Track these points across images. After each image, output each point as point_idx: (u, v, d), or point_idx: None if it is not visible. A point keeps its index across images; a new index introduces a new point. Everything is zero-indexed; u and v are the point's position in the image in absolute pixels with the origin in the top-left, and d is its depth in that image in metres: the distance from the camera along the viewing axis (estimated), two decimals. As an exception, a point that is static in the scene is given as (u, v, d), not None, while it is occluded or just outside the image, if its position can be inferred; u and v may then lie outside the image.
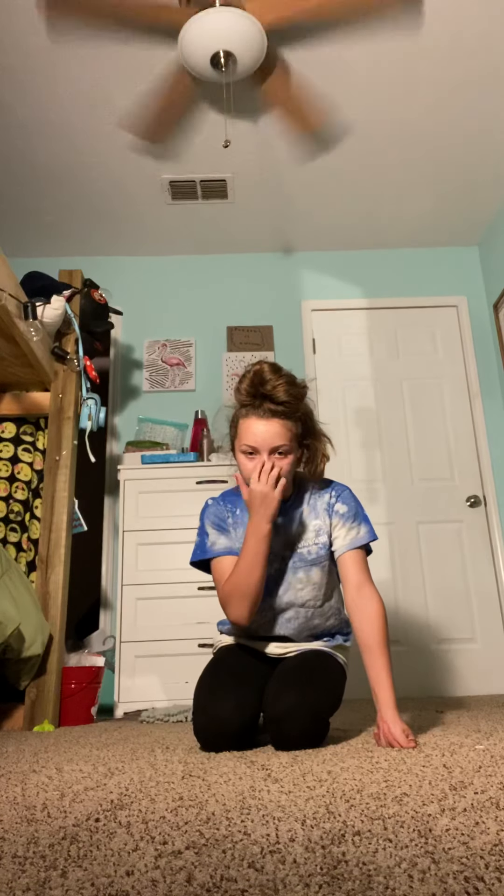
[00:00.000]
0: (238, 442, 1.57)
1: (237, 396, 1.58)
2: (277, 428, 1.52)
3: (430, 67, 2.81)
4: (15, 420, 2.79)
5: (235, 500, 1.71)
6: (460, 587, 3.46)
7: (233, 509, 1.69)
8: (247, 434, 1.54)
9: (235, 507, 1.70)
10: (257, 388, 1.52)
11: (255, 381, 1.52)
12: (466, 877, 0.54)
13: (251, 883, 0.55)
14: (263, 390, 1.52)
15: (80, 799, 0.90)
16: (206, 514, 1.69)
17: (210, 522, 1.67)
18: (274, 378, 1.52)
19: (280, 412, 1.52)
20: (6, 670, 2.32)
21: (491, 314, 3.89)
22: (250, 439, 1.53)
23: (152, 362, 3.88)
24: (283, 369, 1.56)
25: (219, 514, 1.68)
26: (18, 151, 3.22)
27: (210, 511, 1.69)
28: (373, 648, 1.48)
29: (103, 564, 3.54)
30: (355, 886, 0.53)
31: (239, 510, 1.69)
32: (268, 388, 1.51)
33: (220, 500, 1.72)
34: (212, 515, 1.68)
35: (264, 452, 1.53)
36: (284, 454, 1.54)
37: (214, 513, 1.68)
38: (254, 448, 1.53)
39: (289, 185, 3.52)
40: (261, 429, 1.52)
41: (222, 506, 1.70)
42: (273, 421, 1.52)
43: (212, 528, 1.66)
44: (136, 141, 3.14)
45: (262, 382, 1.52)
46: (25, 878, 0.58)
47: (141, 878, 0.57)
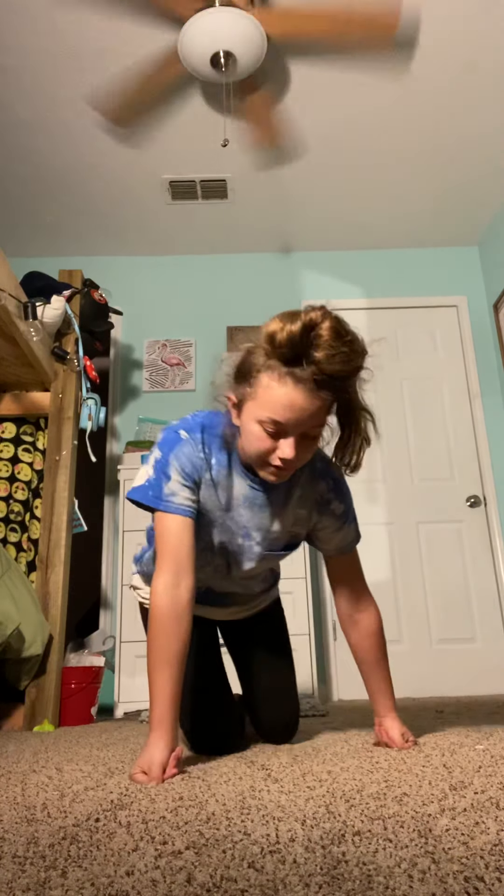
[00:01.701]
0: (255, 406, 1.14)
1: (269, 343, 1.11)
2: (317, 406, 1.11)
3: (431, 67, 2.81)
4: (15, 420, 2.79)
5: (216, 442, 1.27)
6: (460, 587, 3.46)
7: (209, 457, 1.27)
8: (275, 405, 1.11)
9: (212, 454, 1.27)
10: (304, 348, 1.07)
11: (308, 339, 1.07)
12: (466, 877, 0.54)
13: (251, 883, 0.55)
14: (313, 354, 1.07)
15: (80, 799, 0.90)
16: (177, 454, 1.24)
17: (179, 467, 1.23)
18: (337, 343, 1.07)
19: (328, 385, 1.09)
20: (6, 670, 2.32)
21: (491, 314, 3.89)
22: (280, 413, 1.11)
23: (152, 362, 3.88)
24: (348, 329, 1.10)
25: (194, 461, 1.25)
26: (18, 151, 3.22)
27: (184, 452, 1.24)
28: (374, 664, 1.39)
29: (103, 564, 3.54)
30: (355, 886, 0.53)
31: (215, 461, 1.27)
32: (320, 355, 1.07)
33: (200, 442, 1.26)
34: (184, 459, 1.24)
35: (293, 430, 1.13)
36: (314, 438, 1.17)
37: (189, 457, 1.24)
38: (281, 426, 1.12)
39: (289, 185, 3.52)
40: (298, 404, 1.10)
41: (200, 450, 1.26)
42: (314, 397, 1.10)
43: (178, 475, 1.23)
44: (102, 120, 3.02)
45: (316, 343, 1.07)
46: (25, 878, 0.58)
47: (141, 878, 0.57)
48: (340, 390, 1.12)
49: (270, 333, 1.10)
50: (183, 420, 1.30)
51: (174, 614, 1.16)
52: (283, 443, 1.14)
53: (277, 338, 1.09)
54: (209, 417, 1.30)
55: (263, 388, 1.12)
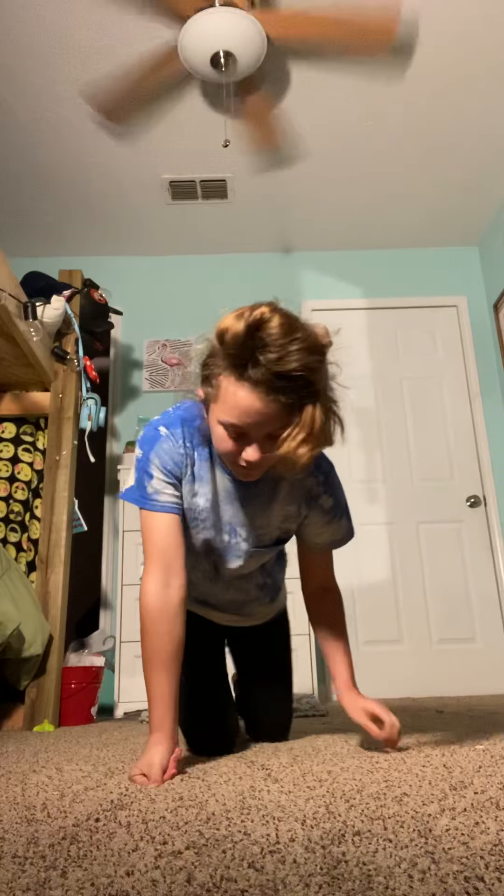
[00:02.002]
0: (217, 408, 1.10)
1: (220, 344, 1.06)
2: (276, 408, 1.05)
3: (431, 67, 2.81)
4: (15, 420, 2.79)
5: (195, 436, 1.24)
6: (460, 587, 3.46)
7: (190, 452, 1.24)
8: (233, 409, 1.06)
9: (194, 448, 1.25)
10: (255, 349, 1.01)
11: (255, 339, 1.01)
12: (466, 877, 0.54)
13: (251, 883, 0.55)
14: (265, 355, 1.00)
15: (80, 799, 0.90)
16: (157, 451, 1.22)
17: (160, 464, 1.22)
18: (285, 342, 1.00)
19: (285, 388, 1.02)
20: (6, 670, 2.32)
21: (491, 314, 3.89)
22: (238, 418, 1.06)
23: (152, 362, 3.88)
24: (298, 324, 1.05)
25: (175, 458, 1.23)
26: (18, 151, 3.22)
27: (164, 448, 1.22)
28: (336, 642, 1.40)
29: (103, 564, 3.54)
30: (355, 886, 0.53)
31: (197, 455, 1.25)
32: (271, 355, 1.00)
33: (181, 437, 1.23)
34: (165, 456, 1.22)
35: (253, 433, 1.08)
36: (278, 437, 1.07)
37: (169, 454, 1.22)
38: (241, 430, 1.08)
39: (289, 185, 3.52)
40: (255, 408, 1.04)
41: (182, 446, 1.23)
42: (272, 400, 1.03)
43: (160, 473, 1.21)
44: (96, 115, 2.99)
45: (264, 344, 1.00)
46: (25, 878, 0.58)
47: (141, 878, 0.57)
48: (301, 389, 1.04)
49: (220, 334, 1.05)
50: (163, 414, 1.27)
51: (167, 615, 1.15)
52: (244, 444, 1.10)
53: (226, 339, 1.04)
54: (189, 410, 1.26)
55: (222, 390, 1.07)
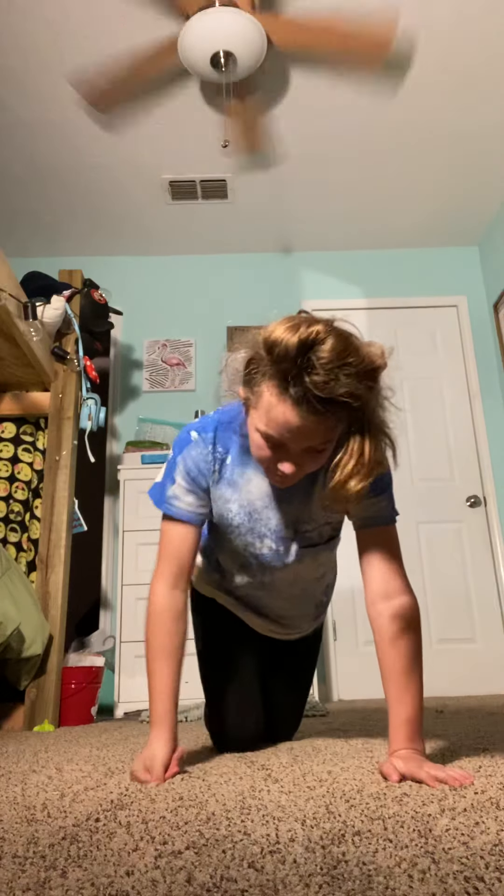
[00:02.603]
0: (256, 414, 1.06)
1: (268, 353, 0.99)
2: (316, 426, 1.00)
3: (431, 67, 2.81)
4: (15, 420, 2.78)
5: (231, 438, 1.22)
6: (460, 587, 3.46)
7: (222, 457, 1.23)
8: (271, 420, 1.02)
9: (227, 452, 1.23)
10: (303, 368, 0.95)
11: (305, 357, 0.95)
12: (466, 877, 0.54)
13: (251, 883, 0.55)
14: (311, 377, 0.95)
15: (80, 799, 0.90)
16: (185, 456, 1.22)
17: (184, 470, 1.21)
18: (336, 368, 0.95)
19: (329, 411, 0.98)
20: (6, 670, 2.32)
21: (491, 314, 3.89)
22: (275, 429, 1.02)
23: (152, 362, 3.88)
24: (353, 347, 0.98)
25: (200, 465, 1.21)
26: (19, 151, 3.22)
27: (191, 455, 1.22)
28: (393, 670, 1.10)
29: (103, 564, 3.54)
30: (355, 886, 0.53)
31: (230, 459, 1.23)
32: (318, 378, 0.95)
33: (211, 441, 1.22)
34: (191, 462, 1.21)
35: (291, 450, 1.06)
36: (321, 451, 1.06)
37: (196, 461, 1.21)
38: (278, 442, 1.04)
39: (289, 185, 3.52)
40: (293, 424, 1.00)
41: (210, 452, 1.22)
42: (313, 417, 0.99)
43: (182, 479, 1.21)
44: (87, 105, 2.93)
45: (313, 364, 0.95)
46: (25, 878, 0.58)
47: (141, 878, 0.57)
48: (347, 413, 1.01)
49: (270, 344, 0.98)
50: (203, 417, 1.27)
51: (172, 614, 1.18)
52: (280, 455, 1.06)
53: (276, 351, 0.97)
54: (229, 412, 1.22)
55: (263, 399, 1.02)
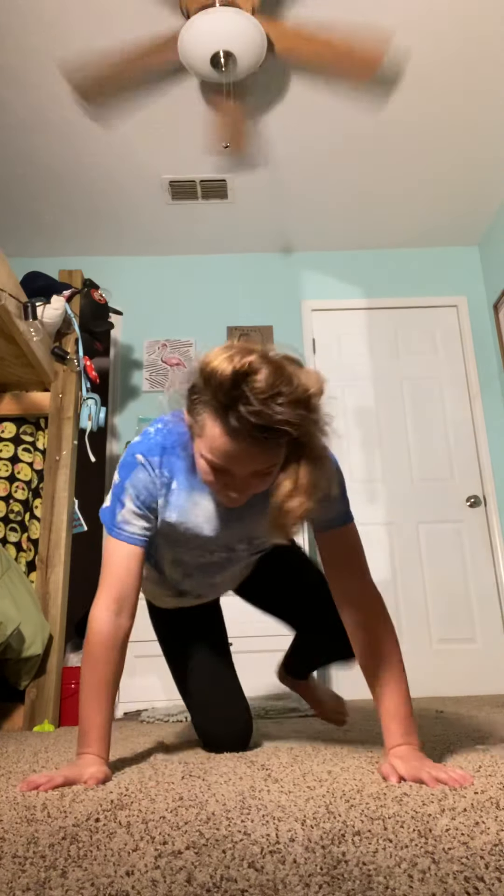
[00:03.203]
0: (200, 441, 1.07)
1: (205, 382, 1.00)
2: (258, 454, 1.02)
3: (431, 66, 2.81)
4: (15, 420, 2.79)
5: (175, 463, 1.22)
6: (460, 587, 3.46)
7: (168, 481, 1.22)
8: (215, 449, 1.03)
9: (173, 477, 1.22)
10: (238, 399, 0.96)
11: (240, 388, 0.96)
12: (466, 877, 0.54)
13: (251, 883, 0.55)
14: (246, 406, 0.95)
15: (80, 799, 0.90)
16: (132, 480, 1.21)
17: (133, 495, 1.21)
18: (268, 395, 0.95)
19: (267, 438, 0.99)
20: (6, 670, 2.32)
21: (491, 314, 3.89)
22: (220, 458, 1.04)
23: (152, 362, 3.88)
24: (286, 375, 0.97)
25: (148, 488, 1.21)
26: (19, 151, 3.22)
27: (138, 479, 1.21)
28: (372, 670, 1.21)
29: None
30: (355, 886, 0.53)
31: (176, 483, 1.22)
32: (252, 408, 0.95)
33: (158, 464, 1.21)
34: (139, 485, 1.21)
35: (238, 475, 1.06)
36: (266, 474, 1.06)
37: (143, 483, 1.21)
38: (223, 468, 1.06)
39: (289, 185, 3.53)
40: (236, 452, 1.02)
41: (157, 476, 1.21)
42: (252, 446, 1.00)
43: (131, 504, 1.21)
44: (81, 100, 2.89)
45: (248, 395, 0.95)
46: (25, 878, 0.58)
47: (141, 878, 0.57)
48: (285, 439, 1.00)
49: (207, 375, 0.99)
50: (144, 436, 1.23)
51: (112, 643, 1.17)
52: (227, 479, 1.07)
53: (212, 381, 0.98)
54: (171, 434, 1.21)
55: (206, 428, 1.03)
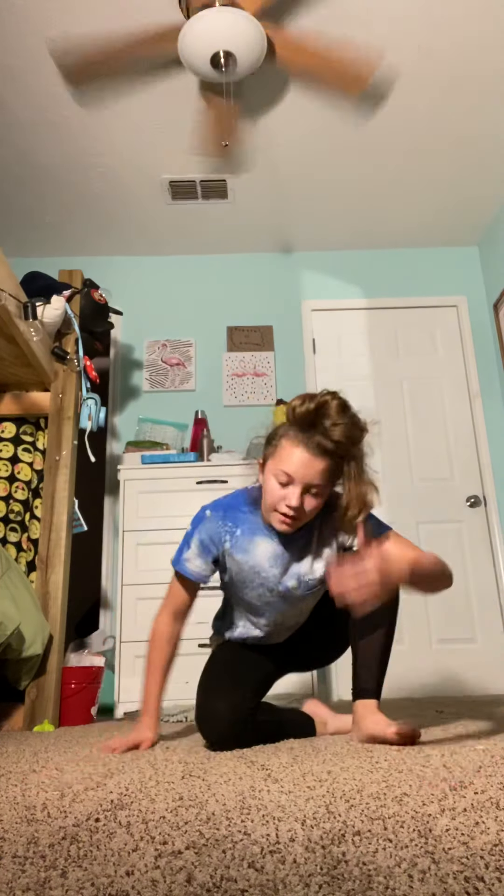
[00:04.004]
0: (273, 462, 1.46)
1: (290, 414, 1.46)
2: (319, 467, 1.42)
3: (430, 69, 2.81)
4: (15, 420, 2.78)
5: (239, 516, 1.58)
6: (460, 587, 3.46)
7: (233, 529, 1.57)
8: (287, 461, 1.43)
9: (237, 527, 1.57)
10: (316, 419, 1.42)
11: (319, 413, 1.42)
12: (466, 877, 0.54)
13: (251, 883, 0.55)
14: (322, 424, 1.41)
15: (80, 799, 0.90)
16: (200, 529, 1.59)
17: (199, 540, 1.57)
18: (338, 417, 1.41)
19: (329, 451, 1.42)
20: (6, 670, 2.32)
21: (491, 314, 3.89)
22: (290, 467, 1.42)
23: (152, 362, 3.88)
24: (350, 409, 1.44)
25: (213, 536, 1.57)
26: (18, 151, 3.22)
27: (206, 527, 1.58)
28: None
29: (103, 564, 3.54)
30: (355, 886, 0.53)
31: (240, 531, 1.57)
32: (327, 424, 1.41)
33: (222, 517, 1.58)
34: (205, 533, 1.57)
35: (298, 486, 1.43)
36: (316, 495, 1.45)
37: (209, 532, 1.57)
38: (290, 478, 1.43)
39: (289, 185, 3.53)
40: (302, 461, 1.42)
41: (221, 525, 1.58)
42: (319, 458, 1.42)
43: (196, 546, 1.57)
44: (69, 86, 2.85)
45: (325, 416, 1.41)
46: (25, 878, 0.58)
47: (141, 878, 0.57)
48: (339, 456, 1.43)
49: (292, 407, 1.45)
50: (215, 500, 1.64)
51: (167, 639, 1.62)
52: (289, 491, 1.44)
53: (297, 411, 1.44)
54: (234, 498, 1.63)
55: (282, 448, 1.46)
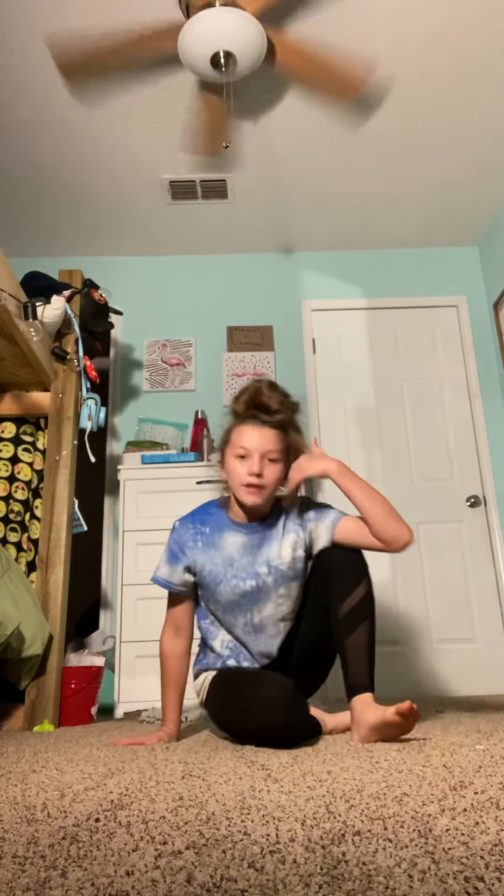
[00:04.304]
0: (231, 448, 1.66)
1: (234, 408, 1.70)
2: (270, 435, 1.63)
3: (431, 66, 2.81)
4: (15, 420, 2.78)
5: (206, 517, 1.74)
6: (460, 587, 3.46)
7: (202, 529, 1.72)
8: (241, 438, 1.64)
9: (205, 525, 1.72)
10: (254, 401, 1.66)
11: (253, 395, 1.66)
12: (466, 877, 0.54)
13: (251, 883, 0.55)
14: (259, 402, 1.65)
15: (80, 799, 0.90)
16: (170, 540, 1.75)
17: (168, 550, 1.73)
18: (269, 392, 1.66)
19: (273, 422, 1.64)
20: (6, 670, 2.32)
21: (491, 314, 3.89)
22: (245, 442, 1.62)
23: (152, 362, 3.88)
24: (279, 387, 1.70)
25: (181, 543, 1.71)
26: (18, 152, 3.22)
27: (174, 537, 1.74)
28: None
29: (103, 564, 3.54)
30: (355, 886, 0.53)
31: (209, 529, 1.71)
32: (263, 400, 1.65)
33: (190, 522, 1.73)
34: (173, 542, 1.73)
35: (256, 454, 1.61)
36: (274, 461, 1.64)
37: (177, 541, 1.72)
38: (247, 451, 1.62)
39: (289, 185, 3.53)
40: (255, 434, 1.63)
41: (191, 528, 1.72)
42: (266, 429, 1.63)
43: (166, 556, 1.73)
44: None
45: (259, 395, 1.66)
46: (25, 878, 0.58)
47: (141, 878, 0.57)
48: (283, 427, 1.66)
49: (233, 402, 1.72)
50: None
51: (176, 655, 1.73)
52: (250, 461, 1.62)
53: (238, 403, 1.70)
54: (202, 505, 1.79)
55: (233, 435, 1.68)
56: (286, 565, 1.68)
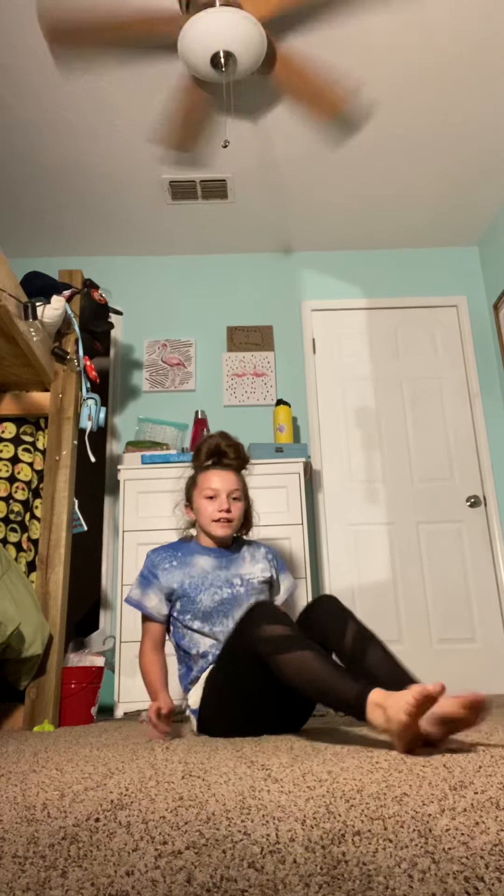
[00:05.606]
0: (198, 491, 1.96)
1: (196, 461, 2.01)
2: (232, 477, 1.96)
3: (431, 66, 2.81)
4: (15, 420, 2.78)
5: (179, 545, 2.00)
6: (460, 587, 3.46)
7: (175, 553, 1.96)
8: (209, 481, 1.94)
9: (178, 550, 1.97)
10: (215, 450, 2.00)
11: (213, 446, 1.99)
12: (466, 877, 0.54)
13: (251, 883, 0.55)
14: (220, 450, 1.99)
15: (80, 799, 0.90)
16: (143, 567, 1.96)
17: (140, 575, 1.95)
18: (227, 441, 2.00)
19: (234, 466, 1.98)
20: (6, 670, 2.32)
21: (491, 314, 3.89)
22: (213, 484, 1.93)
23: (152, 362, 3.88)
24: (233, 438, 2.03)
25: (151, 567, 1.93)
26: (18, 151, 3.22)
27: (147, 562, 1.96)
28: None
29: (103, 564, 3.54)
30: (355, 886, 0.53)
31: (181, 553, 1.96)
32: (223, 447, 1.99)
33: (163, 549, 1.97)
34: (145, 568, 1.95)
35: (223, 493, 1.92)
36: (237, 500, 1.96)
37: (149, 566, 1.94)
38: (215, 491, 1.92)
39: (289, 185, 3.53)
40: (219, 477, 1.94)
41: (164, 552, 1.96)
42: (228, 472, 1.96)
43: (139, 581, 1.94)
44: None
45: (218, 445, 1.99)
46: (25, 878, 0.58)
47: (141, 878, 0.57)
48: (240, 470, 2.01)
49: (195, 457, 2.04)
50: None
51: (158, 662, 1.90)
52: (217, 500, 1.93)
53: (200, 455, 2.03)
54: (170, 543, 2.03)
55: (201, 480, 1.98)
56: (257, 580, 1.93)
